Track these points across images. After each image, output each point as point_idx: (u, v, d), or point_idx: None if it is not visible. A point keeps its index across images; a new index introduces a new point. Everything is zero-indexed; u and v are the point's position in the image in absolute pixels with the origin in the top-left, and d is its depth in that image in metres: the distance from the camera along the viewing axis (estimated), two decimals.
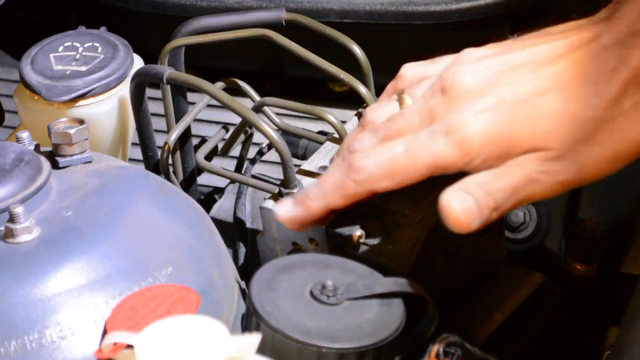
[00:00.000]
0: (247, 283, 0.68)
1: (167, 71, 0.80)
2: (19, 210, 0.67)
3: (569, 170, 0.65)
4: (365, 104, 0.82)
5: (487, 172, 0.66)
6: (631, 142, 0.65)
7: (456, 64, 0.69)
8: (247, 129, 0.89)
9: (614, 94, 0.64)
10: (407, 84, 0.74)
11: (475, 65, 0.68)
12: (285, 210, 0.73)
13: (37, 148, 0.75)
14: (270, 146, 0.87)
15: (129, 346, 0.61)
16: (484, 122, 0.66)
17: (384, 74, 0.90)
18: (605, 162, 0.65)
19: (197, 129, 1.00)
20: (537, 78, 0.66)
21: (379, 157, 0.69)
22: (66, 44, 0.90)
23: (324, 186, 0.71)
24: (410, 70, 0.75)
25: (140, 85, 0.83)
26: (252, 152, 0.90)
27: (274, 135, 0.75)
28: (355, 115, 0.84)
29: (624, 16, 0.66)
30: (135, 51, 0.90)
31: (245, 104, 0.78)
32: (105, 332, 0.64)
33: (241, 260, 0.83)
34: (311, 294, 0.67)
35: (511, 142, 0.66)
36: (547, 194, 0.66)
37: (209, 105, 0.88)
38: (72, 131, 0.75)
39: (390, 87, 0.76)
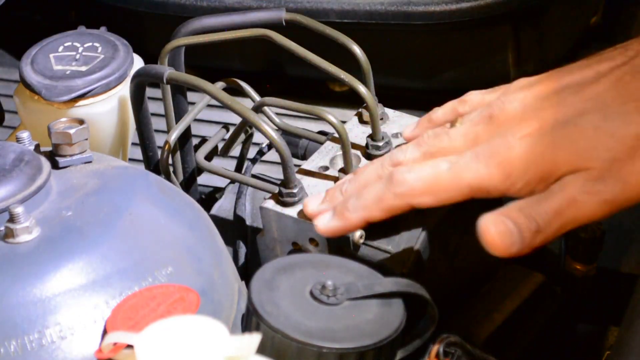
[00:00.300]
0: (247, 283, 0.68)
1: (167, 71, 0.80)
2: (19, 210, 0.67)
3: (612, 189, 0.64)
4: (365, 104, 0.82)
5: (529, 197, 0.66)
6: None
7: (506, 92, 0.70)
8: (247, 129, 0.89)
9: None
10: (468, 109, 0.74)
11: (522, 93, 0.69)
12: (325, 222, 0.73)
13: (37, 148, 0.75)
14: (270, 146, 0.87)
15: (129, 346, 0.61)
16: (526, 146, 0.66)
17: (384, 74, 0.90)
18: None
19: (197, 129, 1.00)
20: (580, 99, 0.66)
21: (421, 172, 0.69)
22: (66, 44, 0.90)
23: (363, 198, 0.71)
24: (474, 97, 0.75)
25: (140, 85, 0.83)
26: (252, 152, 0.90)
27: (274, 135, 0.75)
28: (355, 115, 0.84)
29: None
30: (135, 51, 0.90)
31: (245, 104, 0.78)
32: (105, 332, 0.64)
33: (241, 260, 0.83)
34: (311, 294, 0.67)
35: (553, 164, 0.65)
36: (595, 215, 0.65)
37: (209, 105, 0.88)
38: (72, 131, 0.75)
39: (449, 106, 0.76)
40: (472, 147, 0.69)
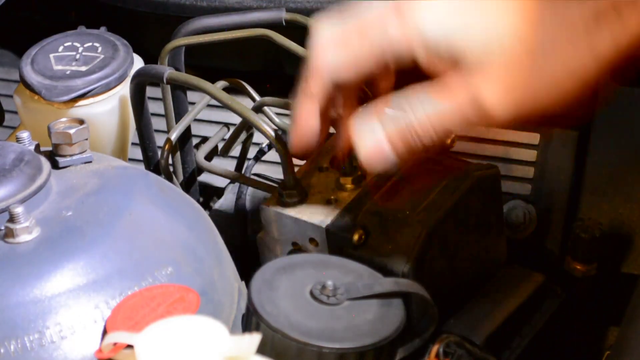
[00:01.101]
0: (247, 283, 0.68)
1: (167, 71, 0.80)
2: (19, 210, 0.67)
3: (513, 88, 0.62)
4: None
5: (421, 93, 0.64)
6: (591, 65, 0.60)
7: None
8: (248, 128, 0.89)
9: (583, 10, 0.60)
10: None
11: None
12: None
13: (37, 148, 0.75)
14: (270, 146, 0.88)
15: (129, 346, 0.61)
16: (435, 12, 0.63)
17: None
18: (560, 82, 0.61)
19: (197, 129, 1.00)
20: None
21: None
22: (66, 44, 0.90)
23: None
24: None
25: (140, 85, 0.83)
26: (252, 152, 0.90)
27: (274, 135, 0.75)
28: None
29: None
30: (135, 51, 0.91)
31: (245, 104, 0.78)
32: (105, 332, 0.64)
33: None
34: (311, 294, 0.67)
35: (459, 46, 0.63)
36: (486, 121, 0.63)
37: (209, 105, 0.88)
38: (72, 131, 0.75)
39: None
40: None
